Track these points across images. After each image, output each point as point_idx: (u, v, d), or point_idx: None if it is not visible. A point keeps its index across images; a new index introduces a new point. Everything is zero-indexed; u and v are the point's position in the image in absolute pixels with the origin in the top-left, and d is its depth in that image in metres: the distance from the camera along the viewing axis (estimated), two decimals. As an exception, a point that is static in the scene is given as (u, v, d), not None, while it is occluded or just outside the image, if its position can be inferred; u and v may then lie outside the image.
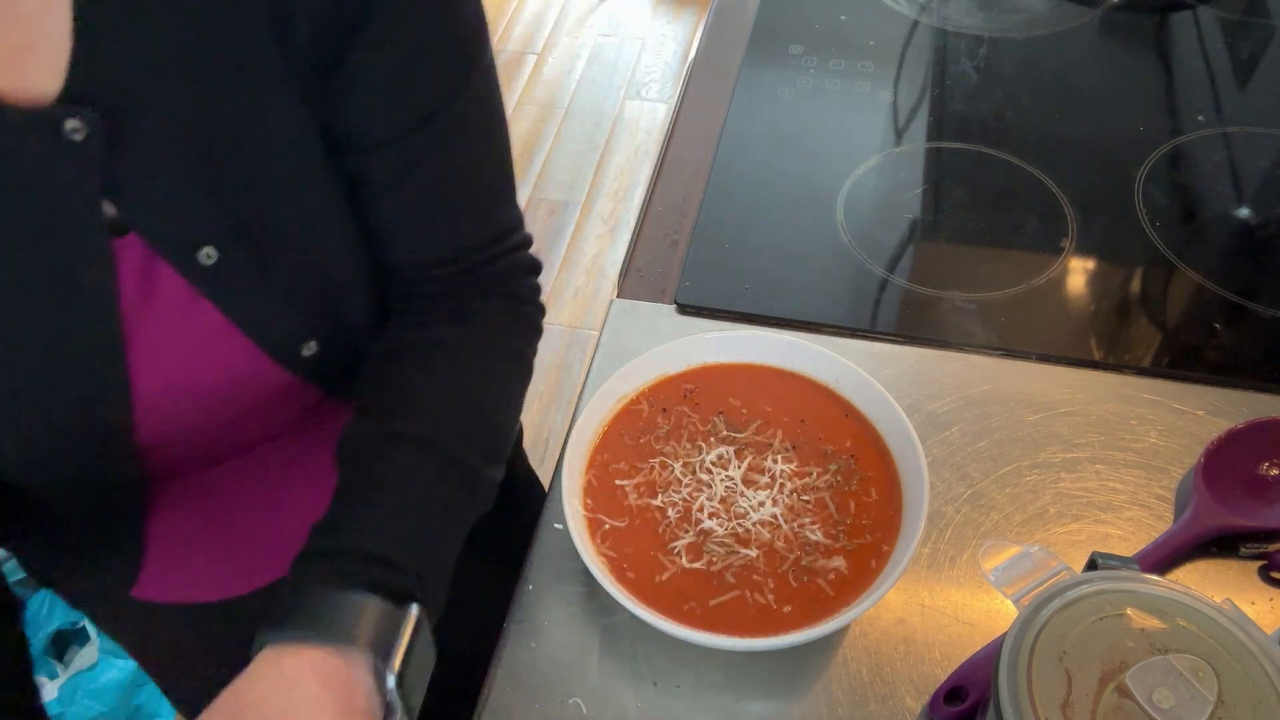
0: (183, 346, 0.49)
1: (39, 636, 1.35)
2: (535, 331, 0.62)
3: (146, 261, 0.45)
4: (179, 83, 0.42)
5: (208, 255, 0.46)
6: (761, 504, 0.60)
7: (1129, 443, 0.67)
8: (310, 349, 0.54)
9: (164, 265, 0.46)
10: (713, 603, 0.56)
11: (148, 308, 0.47)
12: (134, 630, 0.70)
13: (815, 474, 0.62)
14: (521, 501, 0.81)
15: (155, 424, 0.51)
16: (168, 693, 0.80)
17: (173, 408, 0.51)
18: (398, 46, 0.47)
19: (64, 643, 1.37)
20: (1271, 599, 0.59)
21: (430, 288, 0.58)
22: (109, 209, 0.43)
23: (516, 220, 0.61)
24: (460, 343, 0.57)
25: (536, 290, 0.63)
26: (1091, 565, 0.50)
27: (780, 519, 0.60)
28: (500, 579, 0.64)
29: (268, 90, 0.45)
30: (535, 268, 0.63)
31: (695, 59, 1.01)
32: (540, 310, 0.63)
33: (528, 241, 0.62)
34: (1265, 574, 0.60)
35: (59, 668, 1.34)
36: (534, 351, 0.61)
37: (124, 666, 1.34)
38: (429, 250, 0.56)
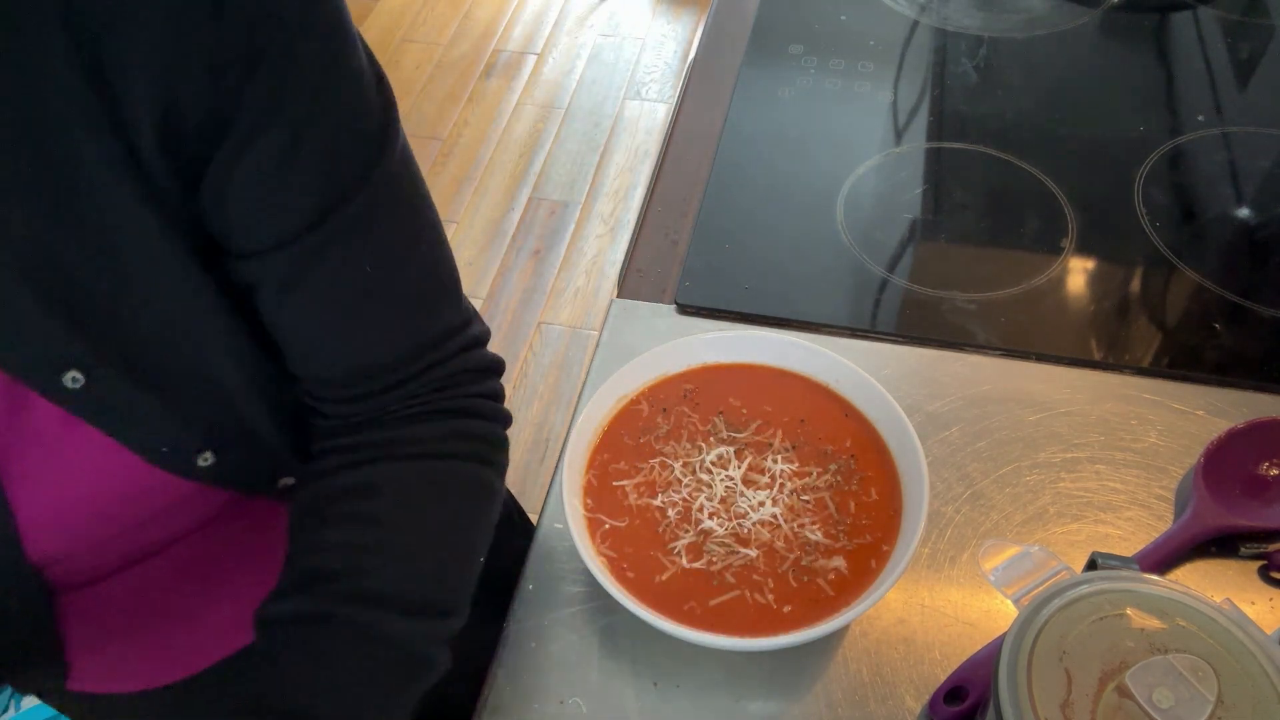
0: (65, 467, 0.46)
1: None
2: (494, 448, 0.56)
3: (12, 387, 0.43)
4: (17, 207, 0.40)
5: (73, 379, 0.43)
6: (761, 504, 0.60)
7: (1129, 443, 0.67)
8: (207, 459, 0.50)
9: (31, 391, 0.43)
10: (713, 603, 0.56)
11: (22, 431, 0.44)
12: (83, 711, 0.65)
13: (815, 474, 0.62)
14: (506, 540, 0.80)
15: (46, 542, 0.48)
16: None
17: (64, 525, 0.48)
18: (275, 145, 0.43)
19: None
20: (1271, 599, 0.59)
21: (358, 411, 0.52)
22: None
23: (457, 321, 0.54)
24: (397, 487, 0.51)
25: (495, 395, 0.56)
26: (1091, 565, 0.50)
27: (780, 519, 0.60)
28: (490, 612, 0.62)
29: (115, 207, 0.41)
30: (492, 368, 0.56)
31: (695, 59, 1.01)
32: (502, 418, 0.56)
33: (478, 340, 0.55)
34: (1265, 574, 0.60)
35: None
36: (499, 470, 0.56)
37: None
38: (344, 366, 0.51)
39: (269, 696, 0.47)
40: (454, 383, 0.54)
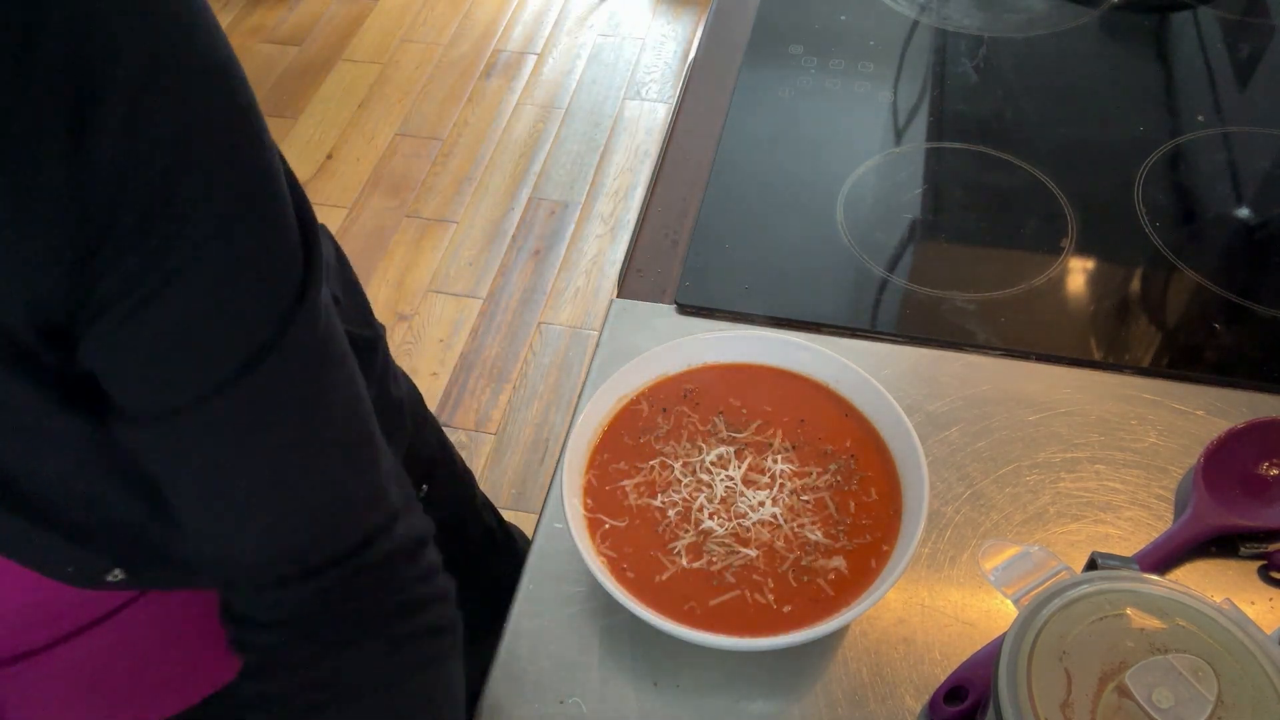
0: None
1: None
2: (441, 634, 0.50)
3: None
4: None
5: None
6: (761, 504, 0.60)
7: (1129, 443, 0.67)
8: (116, 576, 0.47)
9: None
10: (713, 603, 0.56)
11: None
12: None
13: (815, 474, 0.62)
14: (491, 557, 0.79)
15: None
16: None
17: None
18: (161, 314, 0.37)
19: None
20: (1271, 599, 0.59)
21: (282, 624, 0.46)
22: None
23: (379, 492, 0.47)
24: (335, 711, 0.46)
25: (432, 572, 0.50)
26: (1091, 565, 0.50)
27: (780, 519, 0.60)
28: (484, 625, 0.61)
29: None
30: (422, 541, 0.49)
31: (695, 59, 1.01)
32: (444, 596, 0.50)
33: (396, 514, 0.48)
34: (1265, 574, 0.60)
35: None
36: (454, 646, 0.50)
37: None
38: (255, 553, 0.45)
39: None
40: (383, 575, 0.47)
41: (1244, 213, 0.83)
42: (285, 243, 0.40)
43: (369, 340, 0.68)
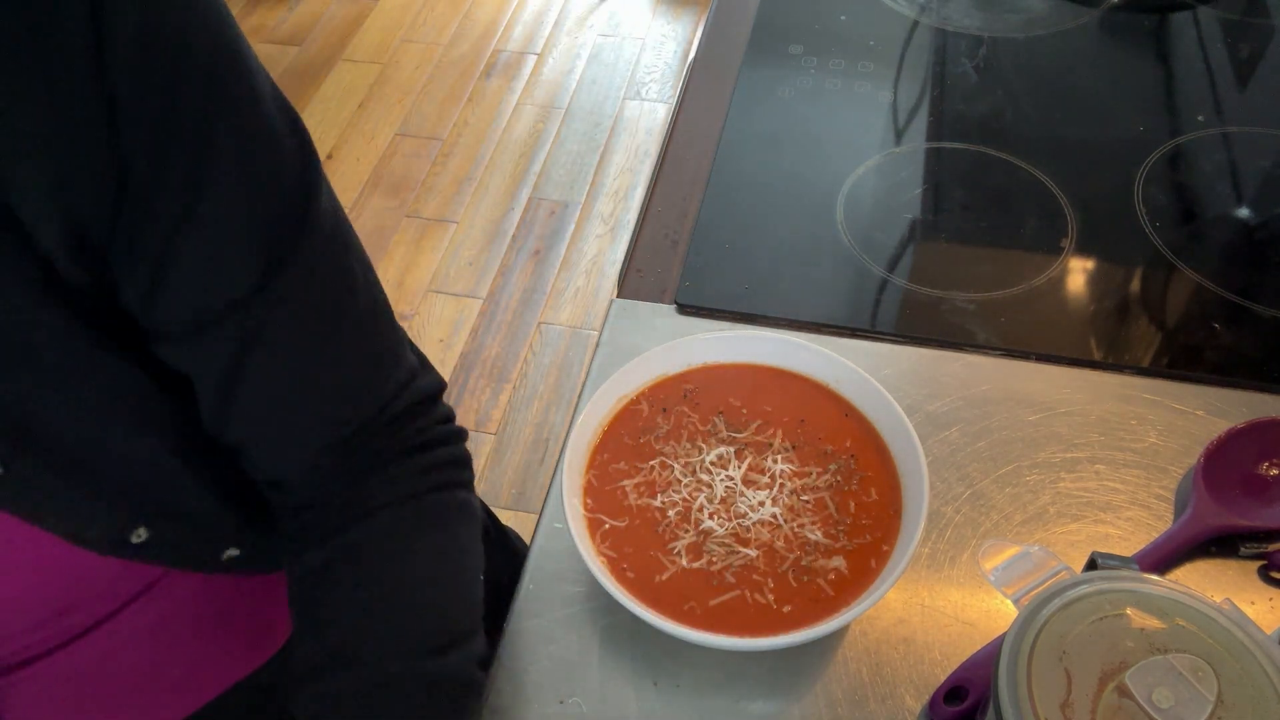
0: None
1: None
2: (460, 467, 0.55)
3: None
4: None
5: None
6: (761, 504, 0.60)
7: (1129, 443, 0.67)
8: (140, 535, 0.49)
9: None
10: (713, 603, 0.56)
11: None
12: None
13: (815, 474, 0.62)
14: (500, 556, 0.80)
15: None
16: None
17: None
18: (204, 223, 0.41)
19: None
20: (1271, 599, 0.59)
21: (331, 479, 0.52)
22: None
23: (403, 356, 0.53)
24: (384, 540, 0.51)
25: (448, 419, 0.56)
26: (1091, 565, 0.50)
27: (780, 519, 0.60)
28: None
29: (24, 311, 0.40)
30: (437, 393, 0.55)
31: (695, 59, 1.01)
32: (459, 436, 0.56)
33: (416, 370, 0.54)
34: (1265, 574, 0.60)
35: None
36: (469, 486, 0.56)
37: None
38: (312, 436, 0.50)
39: None
40: (408, 420, 0.53)
41: (1244, 213, 0.83)
42: (281, 141, 0.44)
43: None
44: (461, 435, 0.57)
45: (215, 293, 0.44)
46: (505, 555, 0.90)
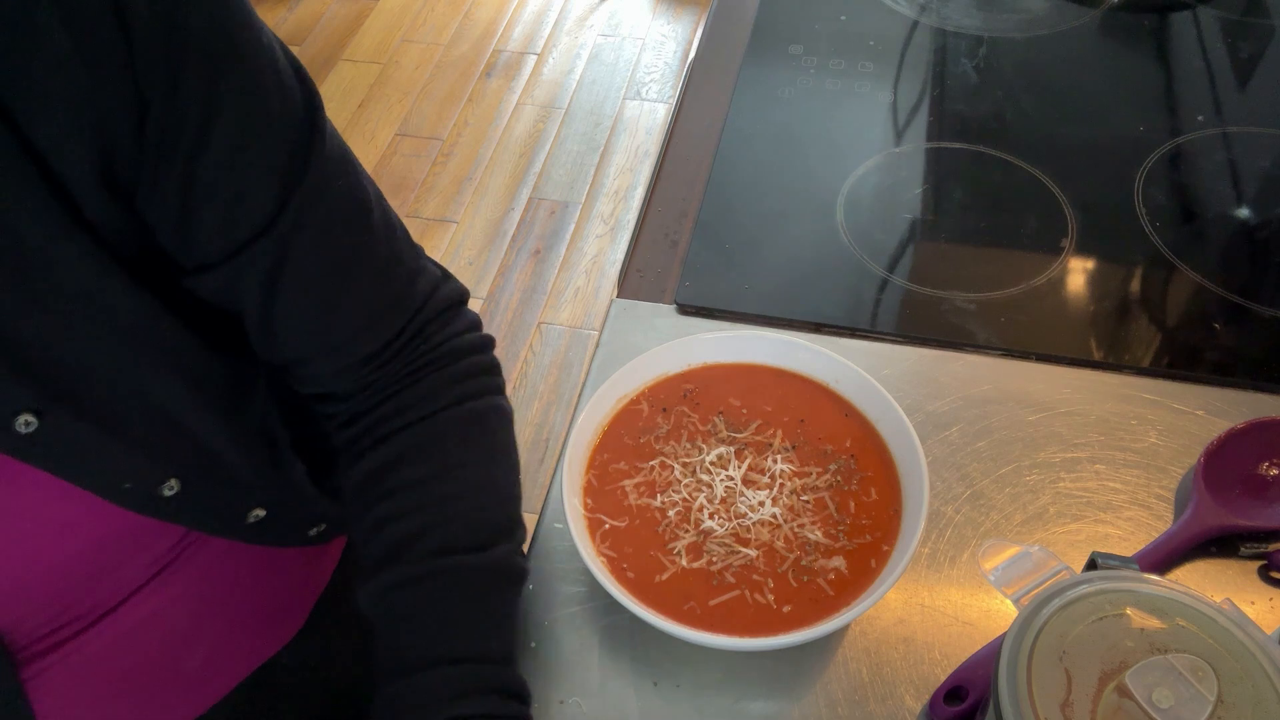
0: (15, 521, 0.46)
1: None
2: (491, 374, 0.59)
3: None
4: None
5: (25, 423, 0.42)
6: (761, 504, 0.60)
7: (1129, 443, 0.67)
8: (172, 488, 0.50)
9: None
10: (713, 603, 0.56)
11: None
12: None
13: (815, 474, 0.62)
14: None
15: (6, 604, 0.48)
16: None
17: (18, 585, 0.48)
18: (221, 146, 0.44)
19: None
20: (1271, 599, 0.59)
21: (371, 380, 0.55)
22: None
23: (424, 264, 0.57)
24: (428, 446, 0.55)
25: (475, 325, 0.59)
26: (1091, 565, 0.50)
27: (780, 519, 0.60)
28: None
29: (50, 247, 0.41)
30: (462, 299, 0.59)
31: (695, 59, 1.01)
32: (488, 344, 0.59)
33: (440, 278, 0.58)
34: (1265, 574, 0.60)
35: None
36: (500, 390, 0.59)
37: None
38: (347, 338, 0.53)
39: (405, 652, 0.51)
40: (440, 325, 0.57)
41: (1244, 213, 0.83)
42: (282, 67, 0.46)
43: None
44: (490, 343, 0.59)
45: (241, 218, 0.46)
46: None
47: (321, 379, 0.55)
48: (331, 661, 0.71)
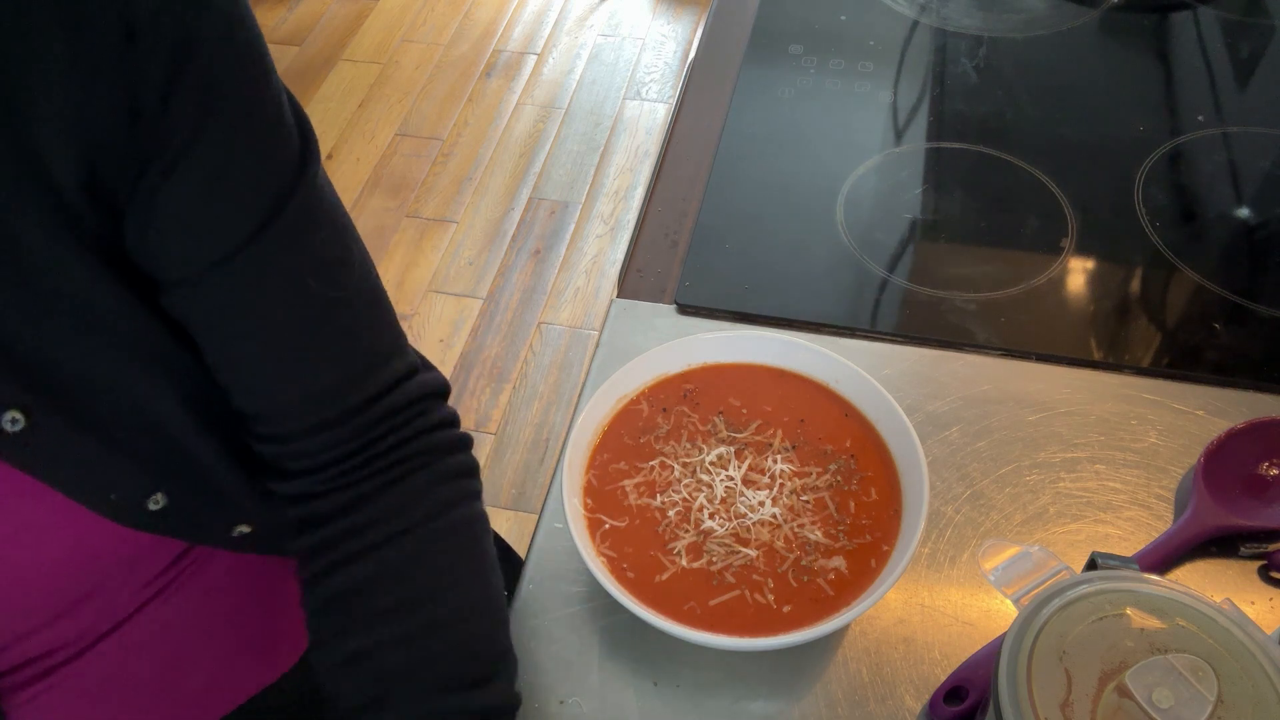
0: (3, 536, 0.45)
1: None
2: (470, 477, 0.55)
3: None
4: None
5: (13, 421, 0.41)
6: (761, 504, 0.60)
7: (1129, 443, 0.67)
8: (158, 501, 0.49)
9: None
10: (713, 603, 0.56)
11: None
12: None
13: (815, 474, 0.62)
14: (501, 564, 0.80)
15: None
16: None
17: (9, 601, 0.47)
18: (202, 166, 0.43)
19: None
20: (1271, 599, 0.59)
21: (320, 453, 0.51)
22: None
23: (400, 342, 0.54)
24: (405, 568, 0.51)
25: (453, 422, 0.56)
26: (1091, 565, 0.50)
27: (780, 519, 0.60)
28: None
29: (41, 248, 0.40)
30: (441, 392, 0.55)
31: (695, 59, 1.01)
32: (466, 443, 0.56)
33: (416, 367, 0.54)
34: (1265, 574, 0.60)
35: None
36: (479, 496, 0.55)
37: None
38: (297, 391, 0.49)
39: None
40: (412, 416, 0.53)
41: (1244, 213, 0.83)
42: (284, 113, 0.45)
43: None
44: (469, 442, 0.56)
45: (204, 244, 0.44)
46: (505, 564, 0.90)
47: (274, 439, 0.51)
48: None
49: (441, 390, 0.55)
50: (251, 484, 0.54)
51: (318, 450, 0.51)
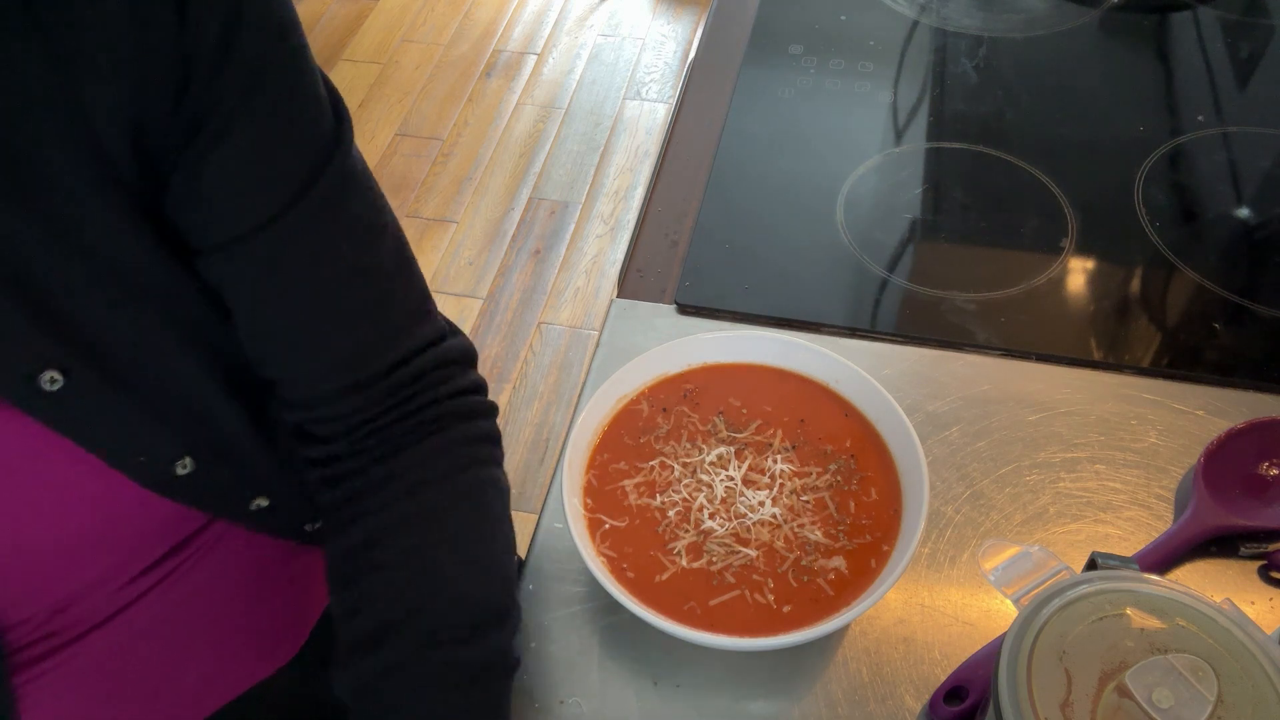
0: (29, 499, 0.45)
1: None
2: (491, 444, 0.56)
3: None
4: None
5: (51, 380, 0.42)
6: (761, 504, 0.60)
7: (1129, 443, 0.67)
8: (185, 466, 0.49)
9: None
10: (713, 603, 0.56)
11: None
12: None
13: (815, 474, 0.62)
14: None
15: (7, 595, 0.47)
16: None
17: (28, 571, 0.47)
18: (246, 137, 0.44)
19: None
20: (1271, 599, 0.59)
21: (351, 415, 0.52)
22: None
23: (429, 306, 0.55)
24: (420, 520, 0.52)
25: (479, 388, 0.56)
26: (1091, 565, 0.50)
27: (780, 519, 0.60)
28: None
29: (84, 205, 0.41)
30: (468, 357, 0.56)
31: (695, 59, 1.01)
32: (489, 411, 0.56)
33: (445, 332, 0.55)
34: (1265, 574, 0.60)
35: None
36: (499, 461, 0.56)
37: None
38: (331, 354, 0.51)
39: None
40: (438, 380, 0.54)
41: (1244, 213, 0.83)
42: (320, 88, 0.47)
43: None
44: (494, 410, 0.57)
45: (245, 210, 0.46)
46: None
47: (300, 398, 0.52)
48: (327, 685, 0.71)
49: (469, 356, 0.56)
50: (273, 457, 0.55)
51: (346, 414, 0.52)
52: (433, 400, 0.54)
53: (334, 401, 0.52)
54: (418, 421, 0.53)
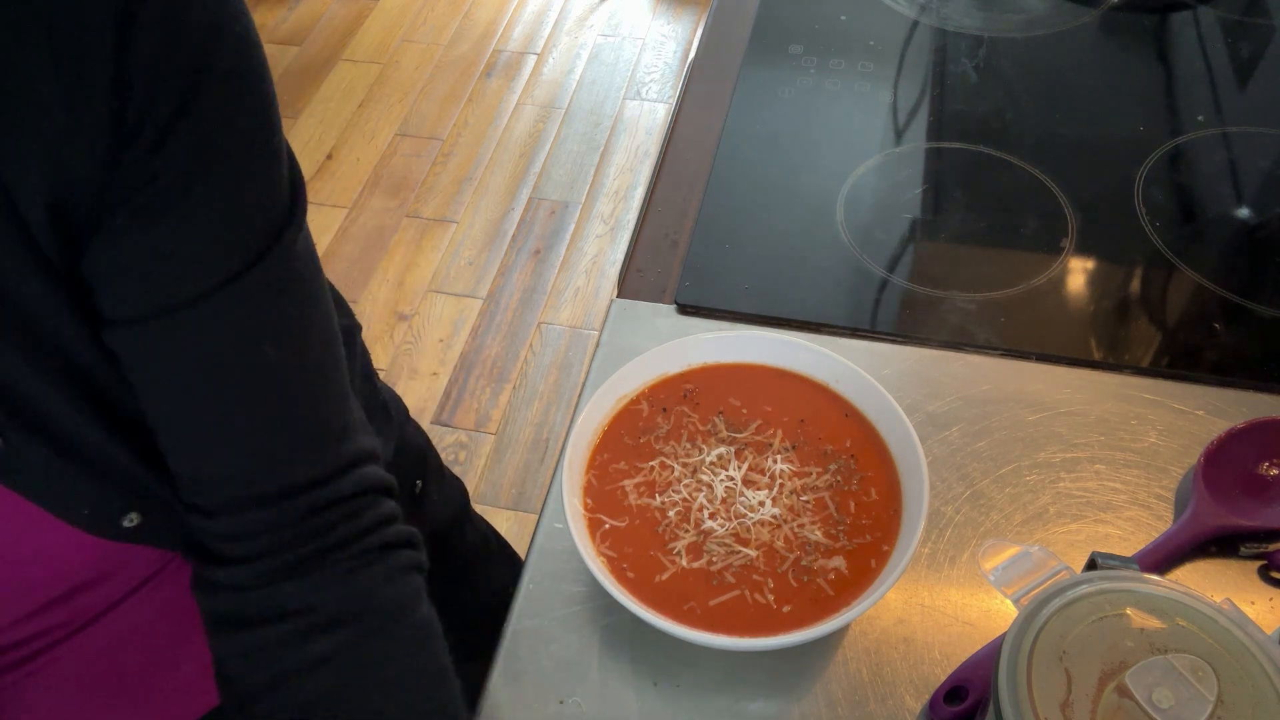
0: (3, 518, 0.44)
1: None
2: (419, 572, 0.52)
3: None
4: None
5: None
6: (761, 504, 0.60)
7: (1129, 443, 0.67)
8: (132, 520, 0.47)
9: None
10: (713, 603, 0.56)
11: None
12: None
13: (815, 474, 0.62)
14: (486, 568, 0.78)
15: None
16: None
17: (11, 576, 0.47)
18: (177, 213, 0.41)
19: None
20: (1271, 599, 0.59)
21: (259, 532, 0.47)
22: None
23: (354, 422, 0.50)
24: (349, 686, 0.48)
25: (398, 517, 0.52)
26: (1091, 565, 0.50)
27: (780, 519, 0.60)
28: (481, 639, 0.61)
29: (9, 275, 0.39)
30: (389, 489, 0.51)
31: (695, 59, 1.01)
32: (414, 542, 0.52)
33: (372, 455, 0.51)
34: (1265, 574, 0.60)
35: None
36: (425, 590, 0.52)
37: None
38: (236, 460, 0.46)
39: None
40: (363, 506, 0.50)
41: (1244, 213, 0.83)
42: (279, 172, 0.44)
43: (348, 329, 0.67)
44: (416, 537, 0.53)
45: (161, 288, 0.42)
46: (504, 564, 0.90)
47: (204, 510, 0.48)
48: None
49: (388, 486, 0.52)
50: None
51: (249, 532, 0.47)
52: (347, 534, 0.48)
53: (234, 512, 0.47)
54: (330, 553, 0.48)
